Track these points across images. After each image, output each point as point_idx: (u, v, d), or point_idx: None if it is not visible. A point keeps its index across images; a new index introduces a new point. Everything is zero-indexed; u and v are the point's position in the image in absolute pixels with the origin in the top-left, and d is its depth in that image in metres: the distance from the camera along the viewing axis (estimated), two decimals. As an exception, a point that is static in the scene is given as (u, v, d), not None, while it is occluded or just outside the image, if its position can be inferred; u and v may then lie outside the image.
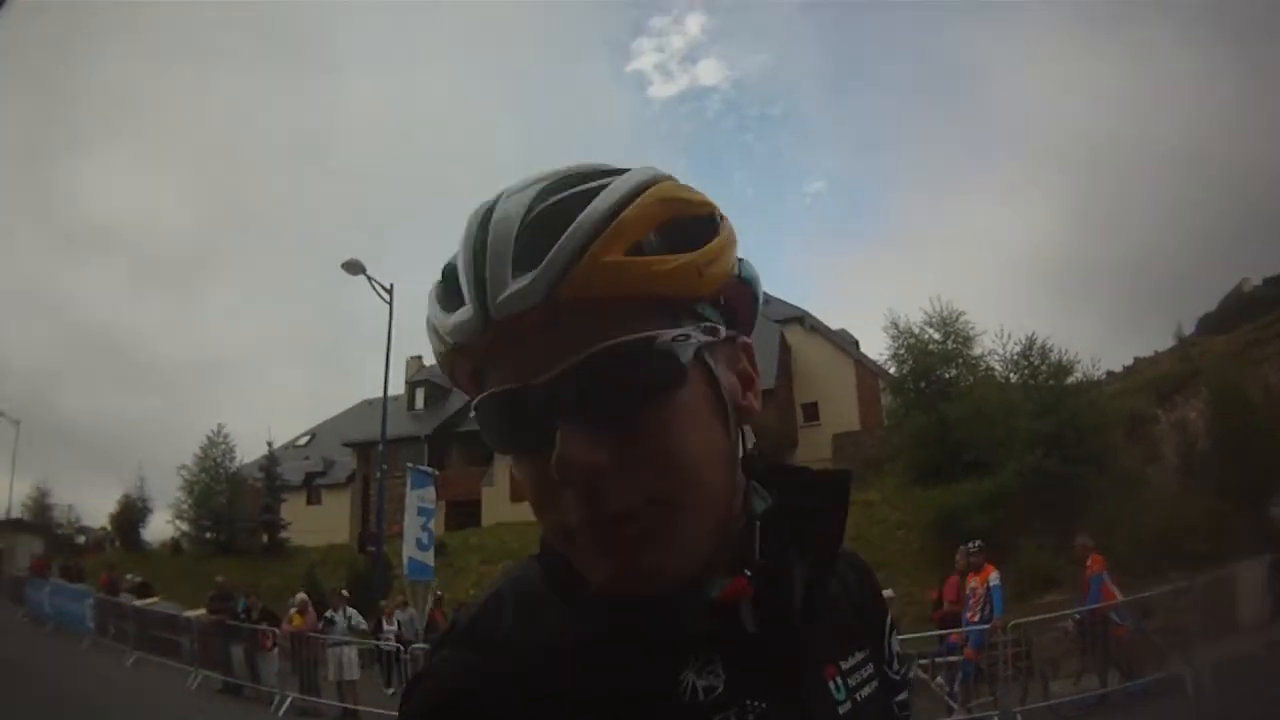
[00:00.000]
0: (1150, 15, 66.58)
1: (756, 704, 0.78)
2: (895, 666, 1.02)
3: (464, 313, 0.73)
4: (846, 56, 77.24)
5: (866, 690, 0.92)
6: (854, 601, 0.99)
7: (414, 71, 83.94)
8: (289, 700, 15.38)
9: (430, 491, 15.47)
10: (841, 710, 0.87)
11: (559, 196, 0.74)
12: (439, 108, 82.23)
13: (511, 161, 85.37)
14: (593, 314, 0.71)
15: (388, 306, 22.61)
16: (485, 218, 0.75)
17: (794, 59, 77.48)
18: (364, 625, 16.54)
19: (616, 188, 0.74)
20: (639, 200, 0.74)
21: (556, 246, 0.71)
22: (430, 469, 16.18)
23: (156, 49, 78.81)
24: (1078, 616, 12.62)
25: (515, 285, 0.71)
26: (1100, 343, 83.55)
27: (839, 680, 0.89)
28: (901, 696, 1.01)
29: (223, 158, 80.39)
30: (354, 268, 22.10)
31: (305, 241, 75.69)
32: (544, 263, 0.70)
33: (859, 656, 0.94)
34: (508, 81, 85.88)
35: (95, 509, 67.21)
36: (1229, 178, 59.58)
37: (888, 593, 8.16)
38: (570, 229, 0.71)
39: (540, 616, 0.79)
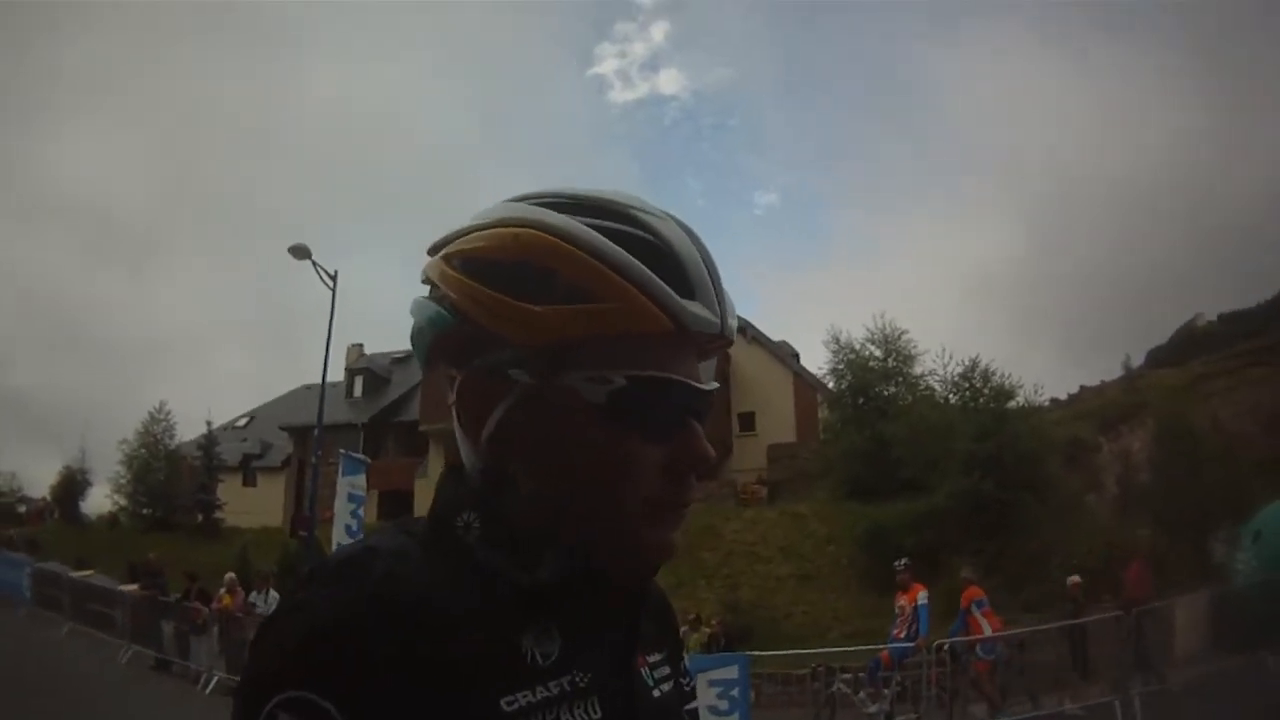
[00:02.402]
0: (1116, 44, 68.01)
1: (584, 675, 0.84)
2: (685, 679, 1.07)
3: (708, 312, 0.86)
4: (807, 73, 78.17)
5: (667, 687, 0.99)
6: (656, 610, 1.04)
7: (377, 63, 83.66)
8: (216, 678, 15.38)
9: (361, 479, 15.02)
10: (654, 694, 0.96)
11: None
12: (398, 100, 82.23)
13: (465, 158, 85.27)
14: None
15: (331, 293, 22.26)
16: (691, 234, 0.90)
17: (755, 72, 78.19)
18: None
19: None
20: None
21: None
22: (363, 456, 15.71)
23: (123, 26, 78.05)
24: (946, 646, 12.65)
25: (731, 317, 0.90)
26: (1046, 370, 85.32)
27: (648, 670, 0.97)
28: (691, 706, 1.06)
29: (183, 136, 79.98)
30: (300, 252, 21.74)
31: (256, 224, 75.40)
32: (730, 305, 0.91)
33: (660, 657, 1.01)
34: (468, 77, 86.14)
35: (38, 479, 65.39)
36: (1188, 212, 60.98)
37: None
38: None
39: (406, 570, 0.81)
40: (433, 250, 0.93)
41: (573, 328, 0.82)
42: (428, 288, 0.93)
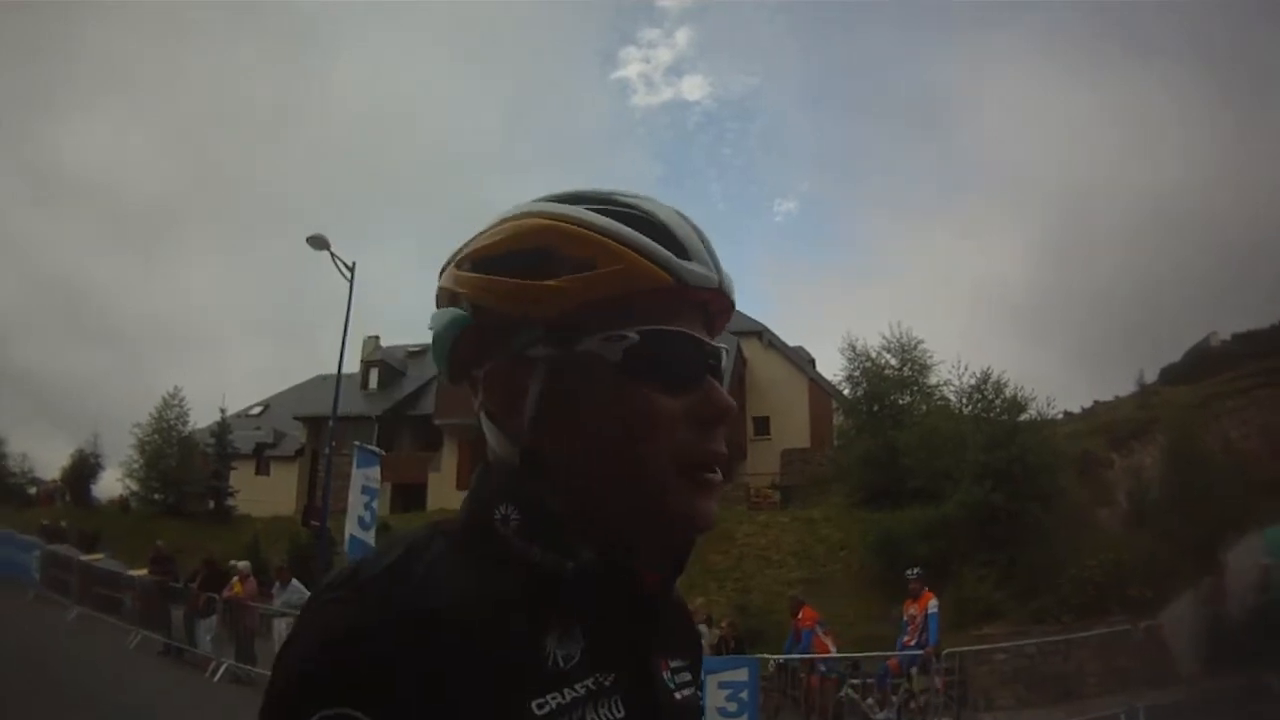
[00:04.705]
0: (1135, 62, 67.87)
1: (608, 675, 0.87)
2: (702, 695, 1.08)
3: (705, 269, 0.93)
4: (830, 82, 78.20)
5: (687, 692, 1.02)
6: (680, 621, 1.09)
7: (401, 60, 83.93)
8: (224, 666, 15.42)
9: (375, 471, 15.10)
10: (675, 696, 0.99)
11: None
12: (422, 97, 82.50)
13: (487, 157, 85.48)
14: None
15: (348, 284, 22.14)
16: (679, 213, 0.96)
17: (778, 80, 78.28)
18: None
19: None
20: None
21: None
22: (377, 449, 15.77)
23: (142, 13, 78.44)
24: (780, 661, 13.73)
25: (728, 278, 0.96)
26: (1060, 384, 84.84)
27: (669, 674, 0.99)
28: None
29: (202, 123, 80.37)
30: (319, 243, 21.58)
31: (274, 213, 75.58)
32: (726, 272, 0.96)
33: (682, 664, 1.03)
34: (491, 77, 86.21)
35: (49, 460, 65.59)
36: (1205, 231, 60.90)
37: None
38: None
39: (441, 577, 0.82)
40: (442, 271, 1.00)
41: (581, 294, 0.88)
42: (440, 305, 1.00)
